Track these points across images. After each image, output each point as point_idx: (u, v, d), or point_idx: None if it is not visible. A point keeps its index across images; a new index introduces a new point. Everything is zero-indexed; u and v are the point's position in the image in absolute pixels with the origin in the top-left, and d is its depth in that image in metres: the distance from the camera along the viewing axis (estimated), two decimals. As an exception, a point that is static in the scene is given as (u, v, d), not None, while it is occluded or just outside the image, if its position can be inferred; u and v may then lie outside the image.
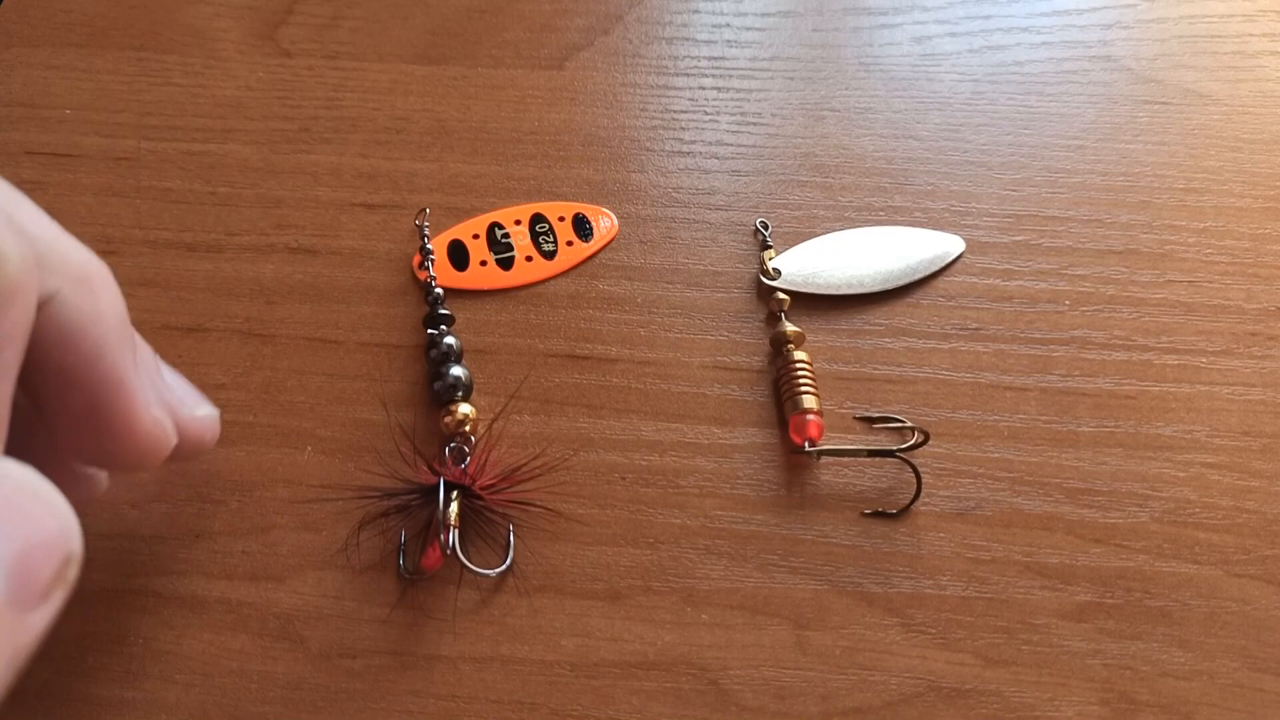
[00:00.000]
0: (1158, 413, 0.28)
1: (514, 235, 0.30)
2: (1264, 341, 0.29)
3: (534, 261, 0.30)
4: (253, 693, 0.24)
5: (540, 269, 0.30)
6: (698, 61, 0.35)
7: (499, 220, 0.30)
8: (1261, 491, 0.27)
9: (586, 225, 0.31)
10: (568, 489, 0.27)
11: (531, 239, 0.30)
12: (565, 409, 0.28)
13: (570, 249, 0.30)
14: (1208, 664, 0.25)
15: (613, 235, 0.31)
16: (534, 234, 0.30)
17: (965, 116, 0.34)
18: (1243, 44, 0.36)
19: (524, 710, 0.24)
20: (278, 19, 0.36)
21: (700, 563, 0.26)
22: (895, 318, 0.30)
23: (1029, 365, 0.29)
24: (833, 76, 0.35)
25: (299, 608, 0.25)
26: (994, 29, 0.36)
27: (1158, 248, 0.31)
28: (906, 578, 0.26)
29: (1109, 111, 0.34)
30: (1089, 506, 0.27)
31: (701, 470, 0.27)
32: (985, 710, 0.24)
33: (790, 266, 0.30)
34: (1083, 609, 0.25)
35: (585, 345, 0.29)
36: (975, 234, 0.31)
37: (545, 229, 0.30)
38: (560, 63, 0.35)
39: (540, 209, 0.31)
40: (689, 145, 0.33)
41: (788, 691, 0.24)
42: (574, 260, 0.30)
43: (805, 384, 0.27)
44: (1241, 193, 0.32)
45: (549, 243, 0.30)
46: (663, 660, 0.25)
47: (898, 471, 0.27)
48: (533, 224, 0.30)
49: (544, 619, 0.25)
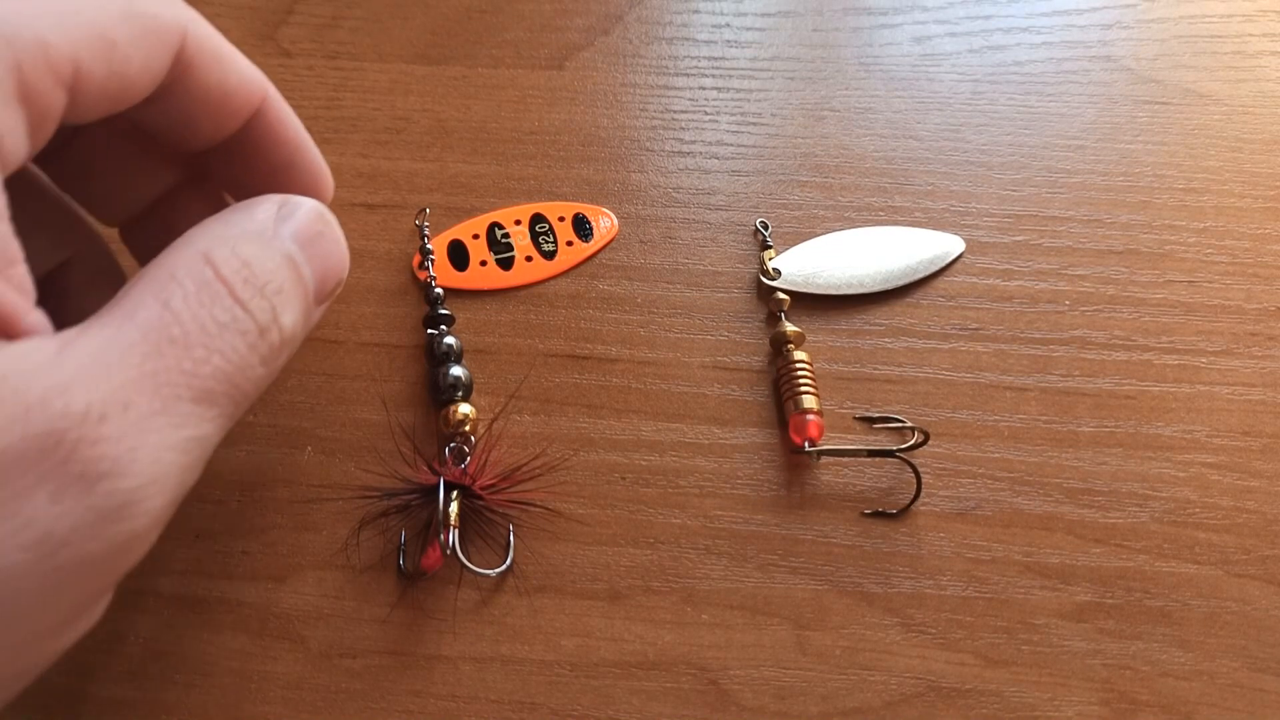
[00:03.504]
0: (1158, 413, 0.28)
1: (514, 235, 0.30)
2: (1264, 341, 0.29)
3: (534, 261, 0.30)
4: (253, 693, 0.24)
5: (540, 269, 0.30)
6: (698, 61, 0.35)
7: (499, 220, 0.30)
8: (1261, 491, 0.27)
9: (586, 225, 0.31)
10: (568, 489, 0.27)
11: (531, 239, 0.30)
12: (565, 409, 0.28)
13: (570, 249, 0.30)
14: (1208, 664, 0.25)
15: (613, 235, 0.31)
16: (534, 234, 0.30)
17: (965, 116, 0.34)
18: (1243, 44, 0.36)
19: (524, 710, 0.24)
20: (278, 19, 0.36)
21: (700, 563, 0.26)
22: (895, 318, 0.30)
23: (1029, 365, 0.29)
24: (833, 76, 0.35)
25: (299, 608, 0.25)
26: (994, 29, 0.36)
27: (1158, 248, 0.31)
28: (906, 578, 0.26)
29: (1109, 111, 0.34)
30: (1089, 506, 0.27)
31: (701, 470, 0.27)
32: (985, 710, 0.24)
33: (790, 266, 0.30)
34: (1083, 609, 0.25)
35: (585, 345, 0.29)
36: (975, 234, 0.31)
37: (545, 229, 0.30)
38: (560, 63, 0.35)
39: (540, 209, 0.31)
40: (689, 145, 0.33)
41: (788, 691, 0.24)
42: (574, 260, 0.30)
43: (805, 384, 0.27)
44: (1241, 193, 0.32)
45: (549, 243, 0.30)
46: (663, 660, 0.25)
47: (898, 471, 0.27)
48: (533, 224, 0.30)
49: (544, 619, 0.25)
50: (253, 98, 0.23)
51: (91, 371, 0.16)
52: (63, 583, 0.16)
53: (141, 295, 0.18)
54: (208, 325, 0.18)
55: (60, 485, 0.15)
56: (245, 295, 0.19)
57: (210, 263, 0.19)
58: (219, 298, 0.18)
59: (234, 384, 0.18)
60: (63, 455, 0.15)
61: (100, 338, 0.17)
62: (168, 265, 0.19)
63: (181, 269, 0.19)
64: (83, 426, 0.15)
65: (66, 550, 0.15)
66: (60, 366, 0.16)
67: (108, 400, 0.16)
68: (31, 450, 0.15)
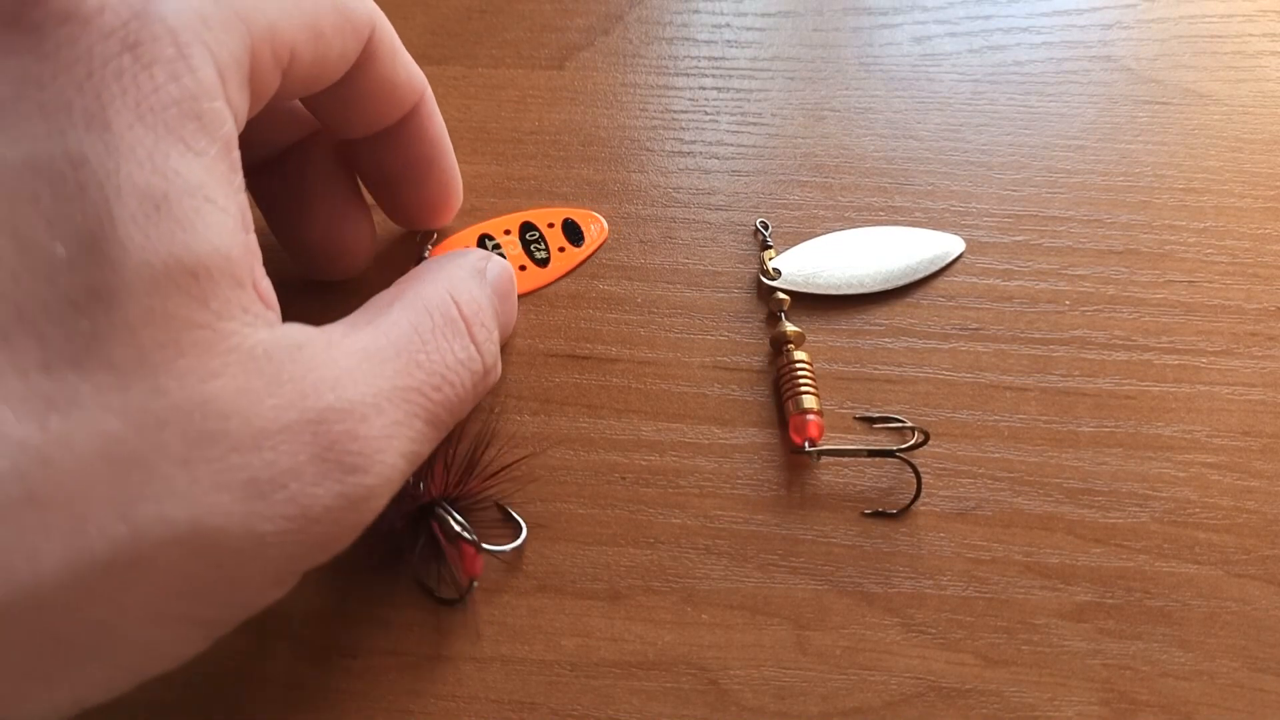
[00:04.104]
0: (1158, 413, 0.28)
1: (505, 245, 0.30)
2: (1264, 341, 0.29)
3: (528, 270, 0.30)
4: (253, 693, 0.24)
5: (535, 277, 0.30)
6: (698, 61, 0.35)
7: (488, 231, 0.30)
8: (1262, 491, 0.27)
9: (577, 230, 0.31)
10: (568, 489, 0.27)
11: (523, 247, 0.30)
12: (565, 409, 0.28)
13: (563, 255, 0.30)
14: (1208, 664, 0.25)
15: (603, 238, 0.31)
16: (525, 242, 0.30)
17: (965, 116, 0.34)
18: (1243, 44, 0.36)
19: (524, 710, 0.24)
20: (278, 19, 0.36)
21: (700, 563, 0.26)
22: (895, 318, 0.30)
23: (1029, 365, 0.29)
24: (833, 76, 0.35)
25: (299, 608, 0.25)
26: (994, 29, 0.36)
27: (1158, 248, 0.31)
28: (906, 578, 0.26)
29: (1109, 111, 0.34)
30: (1089, 506, 0.27)
31: (701, 470, 0.27)
32: (985, 710, 0.24)
33: (790, 266, 0.30)
34: (1083, 609, 0.25)
35: (585, 345, 0.29)
36: (975, 234, 0.31)
37: (536, 236, 0.30)
38: (560, 63, 0.35)
39: (528, 216, 0.31)
40: (689, 145, 0.33)
41: (788, 691, 0.24)
42: (568, 266, 0.30)
43: (805, 384, 0.27)
44: (1241, 193, 0.32)
45: (540, 250, 0.30)
46: (663, 660, 0.25)
47: (898, 471, 0.27)
48: (523, 232, 0.30)
49: (544, 619, 0.25)
50: (414, 94, 0.24)
51: (356, 374, 0.18)
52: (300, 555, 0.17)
53: (398, 317, 0.20)
54: (448, 358, 0.20)
55: (323, 470, 0.17)
56: (480, 337, 0.22)
57: (456, 301, 0.21)
58: (460, 335, 0.21)
59: (453, 412, 0.21)
60: (329, 441, 0.17)
61: (363, 344, 0.19)
62: (421, 294, 0.21)
63: (434, 301, 0.21)
64: (347, 421, 0.17)
65: (316, 528, 0.17)
66: (333, 361, 0.18)
67: (368, 403, 0.18)
68: (306, 431, 0.17)
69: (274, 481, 0.16)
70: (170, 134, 0.16)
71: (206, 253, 0.16)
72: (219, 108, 0.17)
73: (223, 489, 0.16)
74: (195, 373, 0.16)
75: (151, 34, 0.16)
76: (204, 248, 0.16)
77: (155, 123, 0.16)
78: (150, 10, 0.16)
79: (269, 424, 0.16)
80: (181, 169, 0.16)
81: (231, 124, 0.17)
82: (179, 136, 0.16)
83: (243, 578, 0.17)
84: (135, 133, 0.16)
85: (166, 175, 0.16)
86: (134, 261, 0.15)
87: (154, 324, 0.15)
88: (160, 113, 0.16)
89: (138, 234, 0.15)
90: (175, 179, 0.16)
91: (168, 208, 0.16)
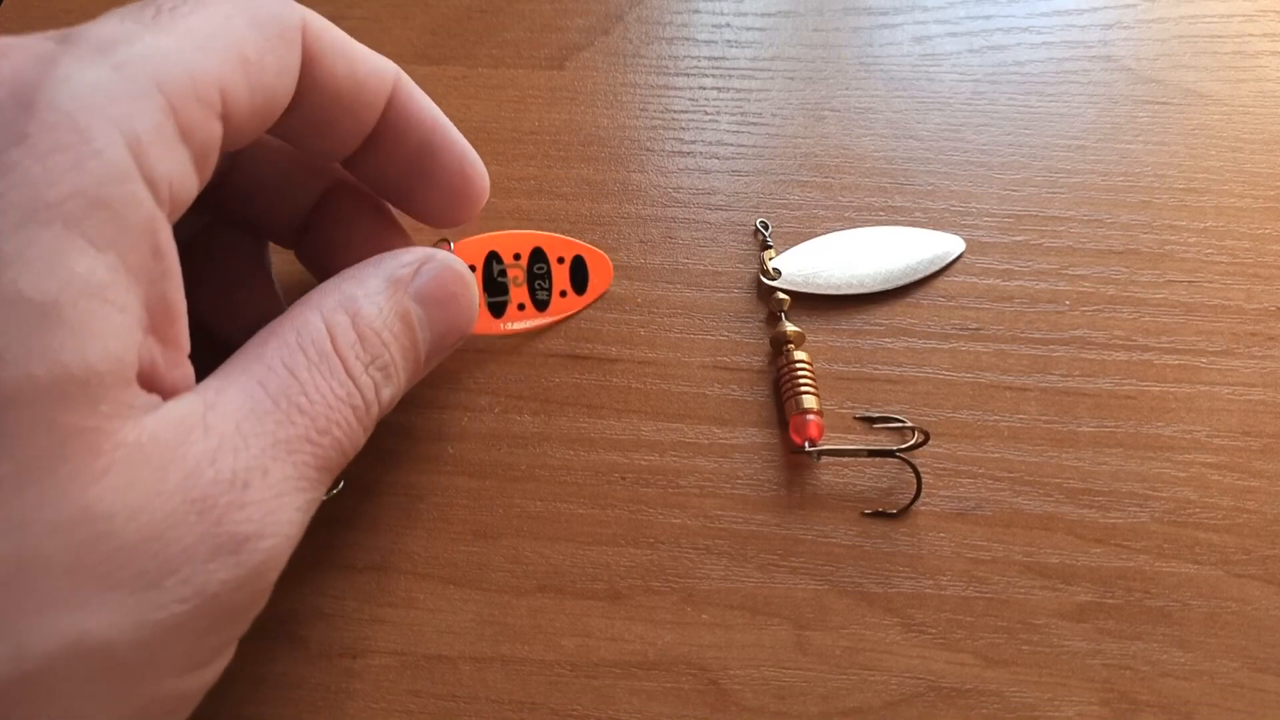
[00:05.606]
0: (1158, 413, 0.28)
1: (512, 273, 0.29)
2: (1264, 341, 0.29)
3: (525, 310, 0.29)
4: (253, 693, 0.24)
5: (531, 318, 0.29)
6: (698, 61, 0.35)
7: (498, 250, 0.29)
8: (1262, 491, 0.27)
9: (583, 274, 0.30)
10: (568, 489, 0.27)
11: (528, 282, 0.29)
12: (565, 409, 0.28)
13: (563, 300, 0.29)
14: (1208, 664, 0.25)
15: (605, 289, 0.30)
16: (531, 276, 0.29)
17: (965, 116, 0.34)
18: (1243, 44, 0.36)
19: (524, 710, 0.24)
20: (278, 19, 0.36)
21: (700, 563, 0.26)
22: (895, 318, 0.30)
23: (1029, 365, 0.29)
24: (833, 76, 0.35)
25: (299, 608, 0.25)
26: (994, 29, 0.36)
27: (1158, 248, 0.31)
28: (906, 578, 0.26)
29: (1109, 111, 0.34)
30: (1089, 506, 0.27)
31: (701, 470, 0.27)
32: (985, 710, 0.24)
33: (790, 266, 0.30)
34: (1083, 609, 0.25)
35: (585, 345, 0.29)
36: (975, 234, 0.31)
37: (544, 271, 0.29)
38: (560, 63, 0.35)
39: (542, 242, 0.29)
40: (689, 145, 0.33)
41: (788, 691, 0.24)
42: (564, 313, 0.30)
43: (805, 384, 0.27)
44: (1241, 193, 0.32)
45: (543, 290, 0.29)
46: (663, 660, 0.25)
47: (898, 471, 0.27)
48: (531, 263, 0.29)
49: (544, 619, 0.25)
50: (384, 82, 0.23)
51: (234, 440, 0.17)
52: (210, 630, 0.17)
53: (272, 358, 0.19)
54: (329, 398, 0.19)
55: (214, 546, 0.17)
56: (356, 371, 0.20)
57: (330, 331, 0.20)
58: (336, 371, 0.20)
59: (344, 452, 0.20)
60: (215, 517, 0.17)
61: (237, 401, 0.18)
62: (295, 325, 0.20)
63: (306, 334, 0.20)
64: (230, 493, 0.17)
65: (216, 603, 0.17)
66: (208, 432, 0.17)
67: (250, 468, 0.17)
68: (191, 512, 0.16)
69: (164, 569, 0.16)
70: (70, 230, 0.15)
71: (98, 359, 0.15)
72: (132, 191, 0.16)
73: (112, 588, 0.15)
74: (80, 477, 0.15)
75: (43, 123, 0.15)
76: (95, 354, 0.15)
77: (52, 219, 0.15)
78: (40, 99, 0.15)
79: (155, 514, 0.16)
80: (80, 268, 0.15)
81: (150, 204, 0.16)
82: (80, 231, 0.15)
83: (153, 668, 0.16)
84: (27, 233, 0.15)
85: (60, 279, 0.15)
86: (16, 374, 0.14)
87: (38, 433, 0.15)
88: (58, 207, 0.15)
89: (18, 346, 0.14)
90: (71, 282, 0.15)
91: (58, 314, 0.15)
